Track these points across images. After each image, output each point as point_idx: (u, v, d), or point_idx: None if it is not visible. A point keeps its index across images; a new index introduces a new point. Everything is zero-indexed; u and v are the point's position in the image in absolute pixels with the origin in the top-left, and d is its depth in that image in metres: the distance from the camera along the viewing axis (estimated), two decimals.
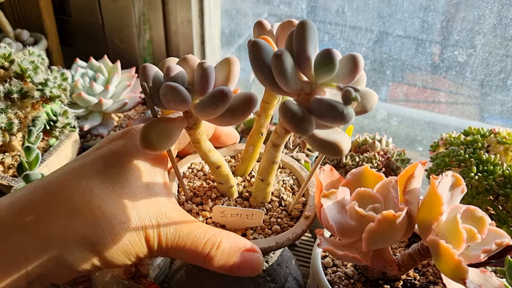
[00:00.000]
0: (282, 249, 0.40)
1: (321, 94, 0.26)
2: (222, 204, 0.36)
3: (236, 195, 0.37)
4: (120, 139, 0.32)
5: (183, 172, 0.39)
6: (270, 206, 0.36)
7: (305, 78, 0.27)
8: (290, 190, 0.38)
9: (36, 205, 0.28)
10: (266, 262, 0.38)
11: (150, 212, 0.30)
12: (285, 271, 0.42)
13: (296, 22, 0.32)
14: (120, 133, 0.33)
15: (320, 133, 0.26)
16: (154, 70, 0.29)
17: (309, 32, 0.25)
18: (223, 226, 0.35)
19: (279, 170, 0.40)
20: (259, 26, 0.34)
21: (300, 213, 0.36)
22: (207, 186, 0.38)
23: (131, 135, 0.32)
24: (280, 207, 0.36)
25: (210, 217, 0.35)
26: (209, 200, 0.36)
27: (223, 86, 0.27)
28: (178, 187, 0.37)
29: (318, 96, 0.26)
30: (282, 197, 0.37)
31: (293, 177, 0.39)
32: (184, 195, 0.36)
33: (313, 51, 0.26)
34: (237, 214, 0.34)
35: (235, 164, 0.40)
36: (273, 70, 0.25)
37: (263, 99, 0.35)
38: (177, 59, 0.30)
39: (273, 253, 0.38)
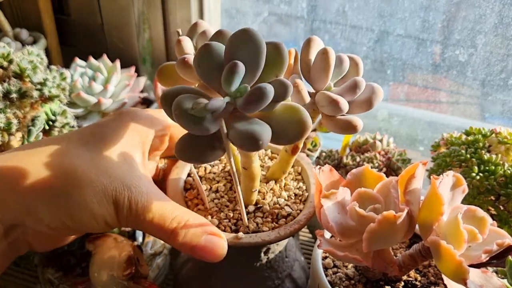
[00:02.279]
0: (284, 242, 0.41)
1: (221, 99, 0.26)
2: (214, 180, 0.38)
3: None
4: (109, 117, 0.35)
5: None
6: (236, 208, 0.36)
7: None
8: (274, 217, 0.36)
9: (18, 157, 0.30)
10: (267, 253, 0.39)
11: (124, 179, 0.30)
12: (288, 264, 0.42)
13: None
14: (112, 113, 0.35)
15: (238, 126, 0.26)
16: (201, 28, 0.34)
17: (240, 41, 0.25)
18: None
19: (295, 194, 0.39)
20: None
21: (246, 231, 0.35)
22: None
23: (121, 114, 0.34)
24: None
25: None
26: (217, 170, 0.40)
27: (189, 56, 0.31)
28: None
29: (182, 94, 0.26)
30: (257, 213, 0.36)
31: (297, 206, 0.37)
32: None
33: (240, 59, 0.25)
34: (198, 187, 0.36)
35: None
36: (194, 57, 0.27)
37: None
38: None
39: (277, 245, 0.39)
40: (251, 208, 0.36)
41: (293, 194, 0.38)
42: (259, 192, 0.37)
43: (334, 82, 0.33)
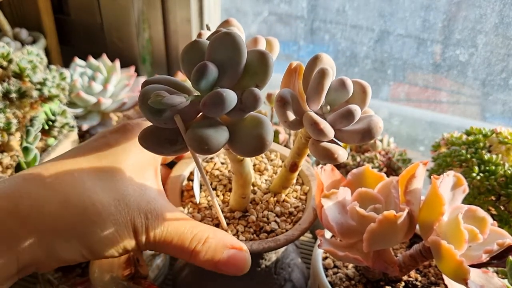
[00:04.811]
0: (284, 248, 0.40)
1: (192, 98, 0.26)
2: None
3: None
4: (115, 133, 0.33)
5: None
6: (225, 211, 0.36)
7: None
8: (257, 229, 0.35)
9: (29, 192, 0.28)
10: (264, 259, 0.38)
11: (139, 206, 0.30)
12: (287, 271, 0.42)
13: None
14: (115, 127, 0.33)
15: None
16: (230, 26, 0.33)
17: (219, 44, 0.25)
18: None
19: (290, 212, 0.37)
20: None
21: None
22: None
23: (126, 130, 0.33)
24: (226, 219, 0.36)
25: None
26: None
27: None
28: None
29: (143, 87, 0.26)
30: (241, 221, 0.36)
31: (285, 225, 0.36)
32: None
33: (218, 60, 0.25)
34: (193, 179, 0.37)
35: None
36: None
37: None
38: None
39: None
40: (238, 214, 0.35)
41: (288, 212, 0.36)
42: (253, 201, 0.36)
43: (337, 105, 0.30)
